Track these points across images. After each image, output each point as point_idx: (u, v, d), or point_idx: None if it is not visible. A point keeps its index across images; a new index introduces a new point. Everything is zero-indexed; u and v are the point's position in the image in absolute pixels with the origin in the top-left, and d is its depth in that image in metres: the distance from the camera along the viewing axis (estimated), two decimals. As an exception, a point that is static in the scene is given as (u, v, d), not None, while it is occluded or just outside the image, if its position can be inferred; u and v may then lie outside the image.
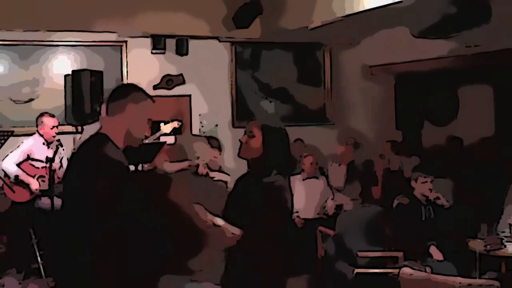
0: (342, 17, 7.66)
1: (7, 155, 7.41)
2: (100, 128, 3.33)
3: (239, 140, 3.70)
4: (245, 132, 3.68)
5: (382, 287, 5.73)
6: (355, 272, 5.89)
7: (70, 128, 8.74)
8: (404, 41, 8.83)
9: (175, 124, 8.56)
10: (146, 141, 8.14)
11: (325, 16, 7.98)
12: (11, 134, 7.27)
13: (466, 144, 9.90)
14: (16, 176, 7.31)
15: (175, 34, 9.72)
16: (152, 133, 8.37)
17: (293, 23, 8.77)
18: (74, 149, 7.47)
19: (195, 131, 10.04)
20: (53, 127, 7.60)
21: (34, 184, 7.29)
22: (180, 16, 9.16)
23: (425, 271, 5.46)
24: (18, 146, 7.51)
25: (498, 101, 10.15)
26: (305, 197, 8.20)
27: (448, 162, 9.12)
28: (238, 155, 3.71)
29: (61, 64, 9.30)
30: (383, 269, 5.89)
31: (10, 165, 7.34)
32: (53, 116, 7.69)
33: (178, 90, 10.09)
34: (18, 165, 7.36)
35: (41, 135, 7.54)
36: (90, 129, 7.89)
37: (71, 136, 8.54)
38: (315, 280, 7.03)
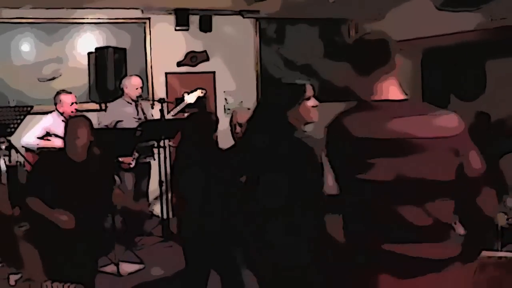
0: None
1: (27, 132, 7.51)
2: None
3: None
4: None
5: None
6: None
7: (93, 106, 8.82)
8: (429, 14, 8.72)
9: (199, 92, 8.29)
10: (169, 115, 8.12)
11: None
12: (30, 109, 7.29)
13: (494, 119, 9.73)
14: (39, 148, 7.38)
15: (195, 8, 9.68)
16: (177, 105, 8.27)
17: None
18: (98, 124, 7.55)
19: (220, 108, 10.05)
20: (72, 103, 7.65)
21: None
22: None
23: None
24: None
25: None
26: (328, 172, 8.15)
27: (474, 137, 8.96)
28: None
29: (85, 42, 9.34)
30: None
31: (31, 139, 7.44)
32: (70, 93, 7.73)
33: (202, 67, 10.08)
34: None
35: (61, 113, 7.59)
36: (112, 106, 7.95)
37: (95, 114, 8.60)
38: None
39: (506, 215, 5.93)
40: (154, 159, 8.15)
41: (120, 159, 7.42)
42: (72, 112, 7.56)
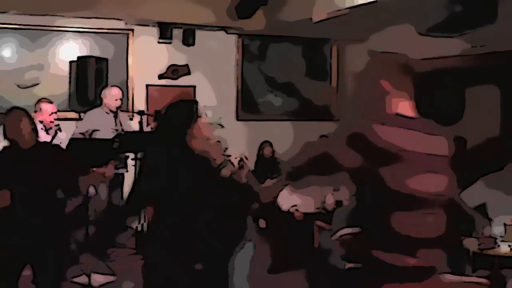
0: (345, 9, 7.62)
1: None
2: None
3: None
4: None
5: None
6: (346, 266, 5.84)
7: (73, 115, 8.78)
8: (411, 39, 8.77)
9: None
10: (148, 127, 8.10)
11: (328, 8, 7.95)
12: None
13: (471, 144, 9.80)
14: None
15: (179, 22, 9.69)
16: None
17: (297, 14, 8.74)
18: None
19: (199, 122, 10.02)
20: (52, 113, 7.57)
21: None
22: (184, 5, 9.13)
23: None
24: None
25: (505, 102, 10.05)
26: (305, 191, 8.15)
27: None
28: None
29: (67, 50, 9.31)
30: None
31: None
32: (51, 102, 7.64)
33: (183, 81, 10.09)
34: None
35: (40, 122, 7.50)
36: (90, 114, 7.93)
37: (73, 122, 8.56)
38: (308, 272, 7.02)
39: (477, 241, 5.97)
40: (127, 171, 8.13)
41: (94, 169, 7.36)
42: (51, 122, 7.50)
